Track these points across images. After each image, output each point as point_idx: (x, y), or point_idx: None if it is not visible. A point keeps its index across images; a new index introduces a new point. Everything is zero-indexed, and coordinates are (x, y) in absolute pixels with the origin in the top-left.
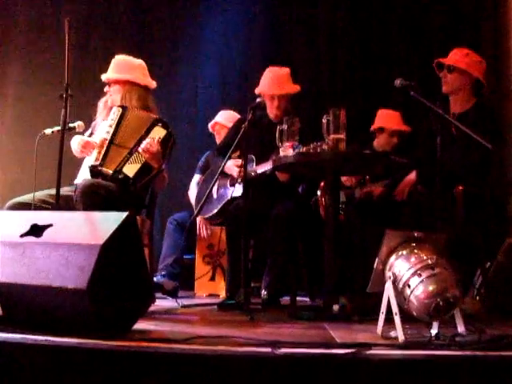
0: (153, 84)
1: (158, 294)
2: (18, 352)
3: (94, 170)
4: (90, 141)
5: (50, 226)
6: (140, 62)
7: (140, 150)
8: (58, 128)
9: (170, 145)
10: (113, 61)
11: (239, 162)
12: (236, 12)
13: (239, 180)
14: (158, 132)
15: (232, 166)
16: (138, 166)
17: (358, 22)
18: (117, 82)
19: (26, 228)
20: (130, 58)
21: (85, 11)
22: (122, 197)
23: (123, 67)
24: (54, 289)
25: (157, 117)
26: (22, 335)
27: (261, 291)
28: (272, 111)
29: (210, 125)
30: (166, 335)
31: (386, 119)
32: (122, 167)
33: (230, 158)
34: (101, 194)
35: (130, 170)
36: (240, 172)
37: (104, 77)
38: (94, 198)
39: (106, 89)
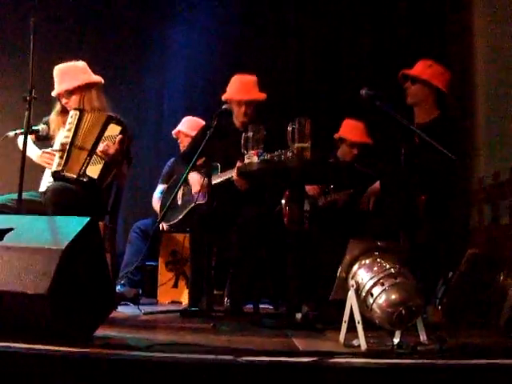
0: (101, 79)
1: (119, 302)
2: None
3: (56, 176)
4: (49, 151)
5: (10, 229)
6: (81, 62)
7: (98, 152)
8: (21, 131)
9: (125, 140)
10: (56, 73)
11: (202, 179)
12: (203, 19)
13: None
14: (113, 129)
15: (195, 181)
16: (100, 166)
17: (326, 31)
18: (72, 90)
19: None
20: (72, 63)
21: (51, 13)
22: (86, 201)
23: (73, 74)
24: (14, 294)
25: (110, 114)
26: None
27: (224, 299)
28: (238, 117)
29: (173, 132)
30: (128, 342)
31: (348, 130)
32: (84, 170)
33: (194, 165)
34: (70, 198)
35: (94, 171)
36: (200, 190)
37: (56, 91)
38: (63, 203)
39: (61, 102)
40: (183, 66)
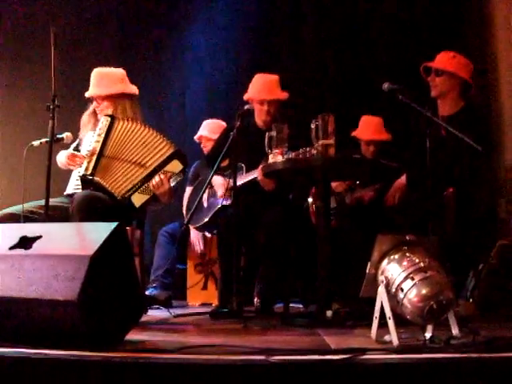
0: (136, 90)
1: (150, 305)
2: (9, 366)
3: (84, 179)
4: (78, 154)
5: (39, 237)
6: (121, 70)
7: (151, 185)
8: (46, 139)
9: (180, 180)
10: (94, 75)
11: (227, 182)
12: (224, 20)
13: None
14: (175, 166)
15: (220, 184)
16: (147, 197)
17: (345, 27)
18: (106, 97)
19: (15, 240)
20: (111, 69)
21: (72, 21)
22: (115, 210)
23: (109, 80)
24: (44, 301)
25: (176, 148)
26: (14, 349)
27: (253, 299)
28: (261, 117)
29: (195, 137)
30: (159, 345)
31: (361, 128)
32: (130, 195)
33: (218, 167)
34: (97, 206)
35: (138, 199)
36: (224, 194)
37: (90, 93)
38: (90, 211)
39: (93, 105)
40: (204, 68)
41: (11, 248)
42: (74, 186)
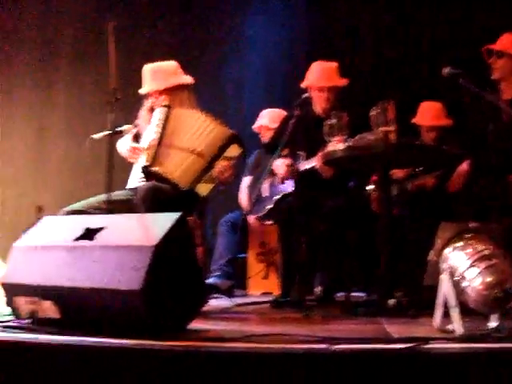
0: (192, 80)
1: (212, 294)
2: (75, 354)
3: (145, 171)
4: (138, 146)
5: (103, 229)
6: (173, 63)
7: (214, 173)
8: (107, 132)
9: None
10: (147, 72)
11: (287, 161)
12: (280, 9)
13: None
14: (234, 151)
15: (280, 165)
16: (211, 186)
17: (404, 13)
18: (164, 90)
19: (80, 232)
20: (163, 63)
21: (129, 14)
22: (178, 200)
23: (164, 74)
24: (108, 291)
25: (233, 132)
26: (79, 337)
27: (315, 288)
28: (320, 105)
29: (254, 127)
30: (221, 334)
31: (421, 115)
32: (195, 185)
33: (279, 156)
34: (161, 197)
35: (204, 189)
36: (287, 172)
37: (146, 90)
38: (154, 202)
39: (150, 101)
40: (262, 58)
41: (76, 239)
42: (137, 179)
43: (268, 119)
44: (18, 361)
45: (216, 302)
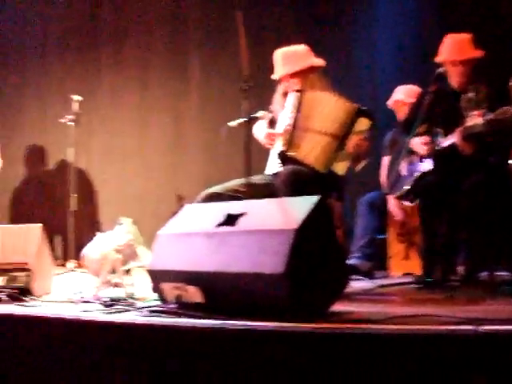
0: (323, 62)
1: (353, 276)
2: (219, 337)
3: (281, 156)
4: (275, 132)
5: (243, 214)
6: (303, 46)
7: (348, 149)
8: (242, 120)
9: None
10: (279, 56)
11: (425, 139)
12: None
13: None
14: (363, 124)
15: (418, 143)
16: (347, 162)
17: None
18: (295, 74)
19: (221, 218)
20: (294, 47)
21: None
22: (318, 180)
23: (296, 57)
24: (251, 275)
25: (358, 106)
26: (223, 321)
27: (457, 267)
28: (456, 79)
29: (388, 103)
30: (365, 316)
31: None
32: (330, 166)
33: (415, 133)
34: (303, 180)
35: (341, 168)
36: (427, 150)
37: (278, 74)
38: (296, 186)
39: (282, 85)
40: (392, 35)
41: (218, 225)
42: (276, 164)
43: (404, 94)
44: (166, 344)
45: (357, 284)
